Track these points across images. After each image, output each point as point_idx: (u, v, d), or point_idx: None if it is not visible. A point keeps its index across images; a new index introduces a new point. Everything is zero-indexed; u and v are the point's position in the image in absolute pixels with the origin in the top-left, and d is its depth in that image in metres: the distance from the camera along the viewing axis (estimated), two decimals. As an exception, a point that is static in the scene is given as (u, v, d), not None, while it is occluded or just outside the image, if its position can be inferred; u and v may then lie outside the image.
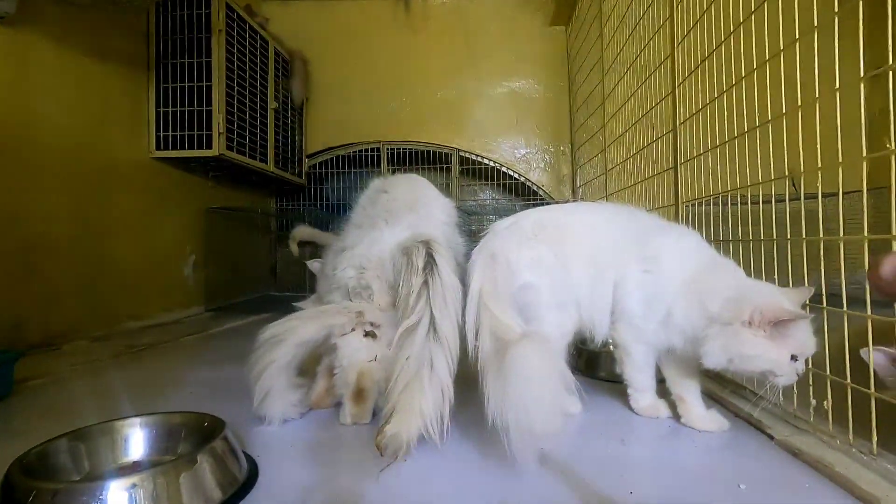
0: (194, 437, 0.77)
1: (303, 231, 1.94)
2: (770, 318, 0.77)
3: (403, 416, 0.78)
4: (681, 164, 1.37)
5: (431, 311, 0.84)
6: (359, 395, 0.94)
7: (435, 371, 0.80)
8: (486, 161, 3.10)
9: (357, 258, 1.00)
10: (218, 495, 0.66)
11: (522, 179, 3.10)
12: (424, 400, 0.78)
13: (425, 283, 0.86)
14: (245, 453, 0.78)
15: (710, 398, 1.06)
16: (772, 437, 0.84)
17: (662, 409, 0.97)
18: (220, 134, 2.18)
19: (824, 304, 0.81)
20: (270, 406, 0.91)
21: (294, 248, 1.94)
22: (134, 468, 0.74)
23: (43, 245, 1.63)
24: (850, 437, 0.75)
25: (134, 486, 0.61)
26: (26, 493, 0.59)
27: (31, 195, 1.59)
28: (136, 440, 0.78)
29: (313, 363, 1.03)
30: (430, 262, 0.88)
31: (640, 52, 1.67)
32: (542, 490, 0.70)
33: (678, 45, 1.36)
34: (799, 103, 0.84)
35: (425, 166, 3.11)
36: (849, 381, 0.76)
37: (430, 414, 0.77)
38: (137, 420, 0.79)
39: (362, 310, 0.96)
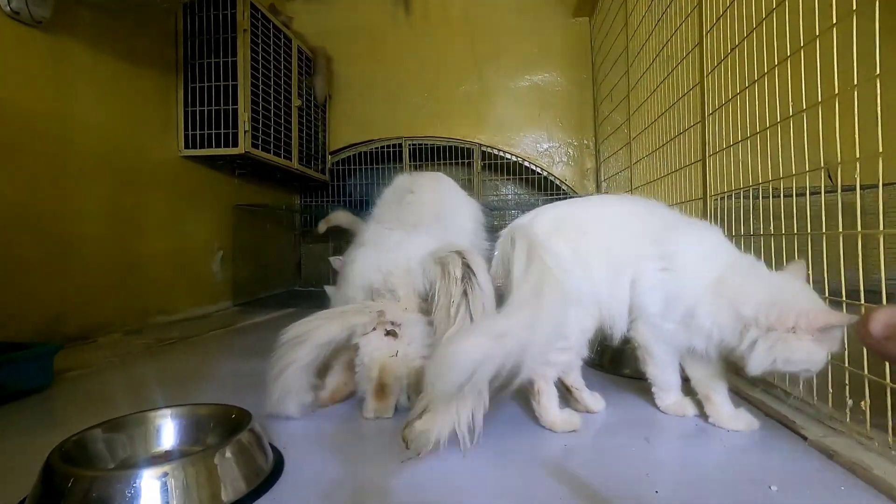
0: (222, 428, 0.79)
1: (341, 217, 1.90)
2: (820, 325, 0.75)
3: (436, 416, 0.76)
4: (709, 157, 1.34)
5: (472, 320, 0.84)
6: (381, 390, 0.95)
7: None
8: (508, 156, 3.08)
9: (383, 261, 1.00)
10: (245, 485, 0.68)
11: (545, 174, 3.07)
12: (461, 403, 0.76)
13: (464, 292, 0.87)
14: (271, 445, 0.79)
15: (739, 397, 1.03)
16: (805, 438, 0.82)
17: (689, 407, 0.95)
18: (245, 132, 2.22)
19: (862, 301, 0.78)
20: (286, 405, 0.92)
21: (322, 227, 1.91)
22: (165, 457, 0.76)
23: (79, 242, 1.69)
24: (890, 438, 0.72)
25: (165, 474, 0.63)
26: (65, 479, 0.61)
27: (67, 194, 1.65)
28: (167, 430, 0.80)
29: (332, 357, 1.03)
30: (468, 271, 0.89)
31: (667, 42, 1.63)
32: (565, 487, 0.70)
33: (707, 33, 1.32)
34: (836, 91, 0.81)
35: (447, 162, 3.10)
36: (888, 380, 0.73)
37: (465, 417, 0.76)
38: (168, 411, 0.81)
39: (383, 309, 0.96)
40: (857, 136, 0.76)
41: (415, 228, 1.02)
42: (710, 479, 0.72)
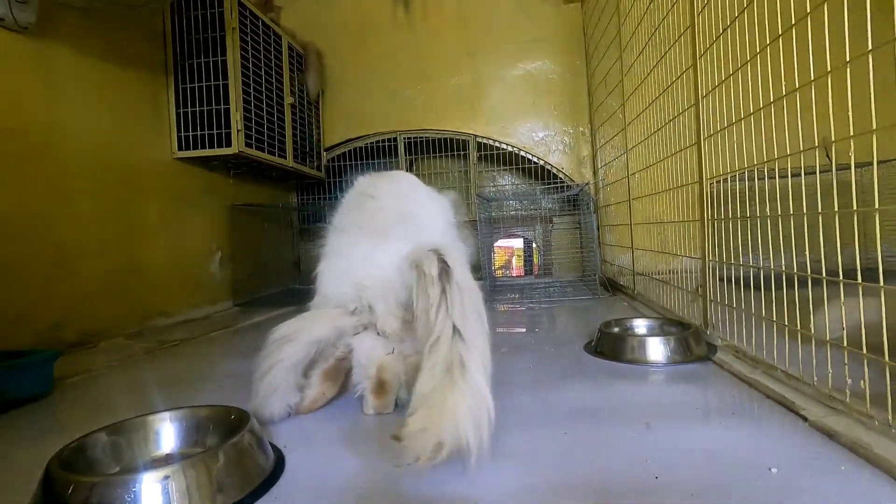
0: (221, 429, 0.79)
1: None
2: None
3: (434, 412, 0.67)
4: (704, 140, 1.33)
5: (453, 322, 0.76)
6: (380, 387, 0.94)
7: (468, 371, 0.71)
8: (503, 146, 3.06)
9: (354, 273, 0.94)
10: (246, 486, 0.68)
11: (542, 163, 3.05)
12: (460, 396, 0.68)
13: (443, 291, 0.78)
14: (272, 444, 0.79)
15: (740, 379, 1.03)
16: (805, 419, 0.81)
17: None
18: (238, 131, 2.21)
19: (859, 280, 0.78)
20: (271, 405, 0.90)
21: None
22: (166, 461, 0.77)
23: (76, 248, 1.68)
24: (890, 417, 0.72)
25: (166, 478, 0.63)
26: (65, 486, 0.61)
27: (61, 200, 1.64)
28: (167, 434, 0.80)
29: (310, 367, 0.99)
30: (445, 268, 0.81)
31: (659, 25, 1.61)
32: (566, 475, 0.70)
33: (698, 15, 1.31)
34: (828, 68, 0.80)
35: (442, 154, 3.08)
36: (887, 359, 0.72)
37: (465, 416, 0.66)
38: (167, 414, 0.81)
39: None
40: (850, 112, 0.75)
41: (382, 235, 0.95)
42: (710, 462, 0.72)
